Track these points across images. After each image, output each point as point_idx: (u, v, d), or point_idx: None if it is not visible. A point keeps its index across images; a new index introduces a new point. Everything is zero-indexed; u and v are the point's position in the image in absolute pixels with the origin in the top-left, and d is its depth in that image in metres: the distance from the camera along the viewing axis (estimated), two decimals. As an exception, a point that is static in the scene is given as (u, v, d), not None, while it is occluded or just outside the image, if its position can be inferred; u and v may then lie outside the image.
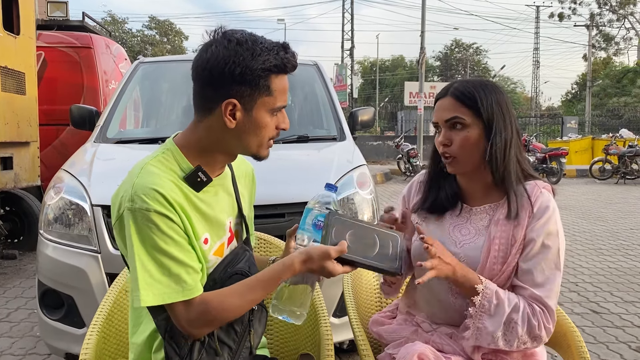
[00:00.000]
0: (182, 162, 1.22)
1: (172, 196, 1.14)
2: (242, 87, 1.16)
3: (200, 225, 1.22)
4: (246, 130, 1.20)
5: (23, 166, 5.09)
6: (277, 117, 1.23)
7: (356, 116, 3.76)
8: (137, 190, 1.13)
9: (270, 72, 1.16)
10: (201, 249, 1.22)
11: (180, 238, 1.15)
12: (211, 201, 1.26)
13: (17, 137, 4.88)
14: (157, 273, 1.13)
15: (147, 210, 1.11)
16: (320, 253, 1.16)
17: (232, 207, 1.36)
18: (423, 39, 15.57)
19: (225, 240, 1.31)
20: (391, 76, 55.43)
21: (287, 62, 1.18)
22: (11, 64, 4.75)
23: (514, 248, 1.36)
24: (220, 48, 1.15)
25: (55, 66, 6.26)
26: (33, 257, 5.07)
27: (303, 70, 4.06)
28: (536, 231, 1.35)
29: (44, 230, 2.47)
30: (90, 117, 3.51)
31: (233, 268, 1.29)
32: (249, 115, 1.18)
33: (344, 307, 1.82)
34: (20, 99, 4.93)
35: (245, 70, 1.14)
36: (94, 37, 6.56)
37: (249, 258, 1.36)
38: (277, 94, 1.19)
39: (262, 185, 2.51)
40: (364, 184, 2.72)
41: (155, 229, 1.12)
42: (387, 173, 14.12)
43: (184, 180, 1.20)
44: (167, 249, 1.13)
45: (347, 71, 24.30)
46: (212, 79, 1.17)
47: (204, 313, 1.16)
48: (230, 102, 1.16)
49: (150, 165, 1.19)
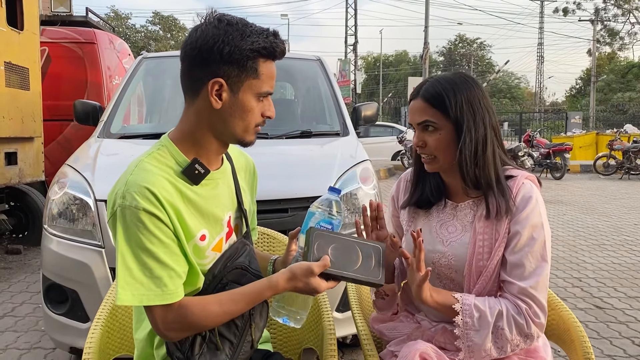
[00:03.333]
0: (178, 157, 1.21)
1: (163, 195, 1.13)
2: (229, 67, 1.15)
3: (196, 221, 1.21)
4: (232, 113, 1.19)
5: (27, 161, 5.11)
6: (263, 104, 1.22)
7: (359, 111, 3.75)
8: (129, 188, 1.12)
9: (259, 54, 1.16)
10: (197, 245, 1.22)
11: (168, 239, 1.14)
12: (209, 195, 1.25)
13: (21, 133, 4.90)
14: (139, 273, 1.11)
15: (136, 208, 1.10)
16: (303, 271, 1.16)
17: (232, 201, 1.35)
18: (427, 34, 15.53)
19: (224, 235, 1.30)
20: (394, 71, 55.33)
21: (276, 46, 1.18)
22: (15, 60, 4.76)
23: (497, 242, 1.35)
24: (210, 27, 1.16)
25: (59, 62, 6.27)
26: (37, 252, 5.10)
27: (306, 66, 4.06)
28: (520, 223, 1.34)
29: (48, 225, 2.48)
30: (93, 112, 3.52)
31: (233, 263, 1.29)
32: (235, 97, 1.18)
33: (347, 302, 1.83)
34: (24, 94, 4.94)
35: (234, 50, 1.14)
36: (97, 32, 6.56)
37: (249, 252, 1.35)
38: (264, 77, 1.19)
39: (265, 181, 2.52)
40: (367, 179, 2.72)
41: (142, 227, 1.11)
42: (390, 169, 14.12)
43: (182, 174, 1.19)
44: (152, 249, 1.11)
45: (351, 67, 24.24)
46: (200, 57, 1.16)
47: (183, 318, 1.15)
48: (217, 82, 1.16)
49: (145, 162, 1.18)
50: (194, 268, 1.22)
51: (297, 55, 4.23)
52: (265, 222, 2.07)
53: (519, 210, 1.35)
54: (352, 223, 2.56)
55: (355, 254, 1.24)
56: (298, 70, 4.12)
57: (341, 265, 1.20)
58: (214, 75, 1.15)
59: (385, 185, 11.34)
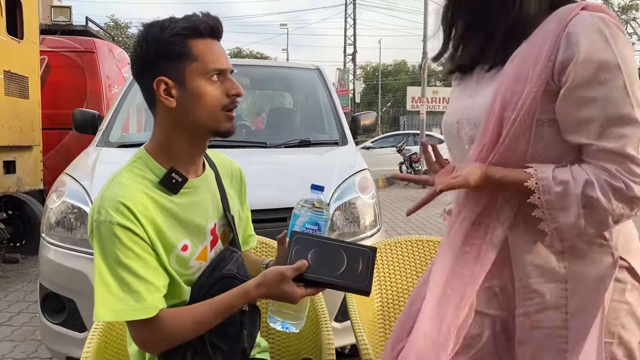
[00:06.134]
0: (154, 168, 1.19)
1: (138, 208, 1.11)
2: (163, 63, 1.14)
3: (176, 232, 1.18)
4: (190, 105, 1.16)
5: (26, 170, 5.10)
6: (222, 84, 1.18)
7: (358, 121, 3.77)
8: (104, 202, 1.11)
9: (183, 36, 1.13)
10: (180, 256, 1.19)
11: (145, 253, 1.12)
12: (189, 204, 1.22)
13: (20, 141, 4.90)
14: (116, 288, 1.09)
15: (111, 222, 1.09)
16: (274, 276, 1.11)
17: (217, 208, 1.31)
18: (425, 44, 15.59)
19: (208, 244, 1.27)
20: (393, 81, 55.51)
21: (199, 22, 1.15)
22: (15, 68, 4.77)
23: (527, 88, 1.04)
24: (137, 38, 1.18)
25: (58, 70, 6.29)
26: (35, 261, 5.07)
27: (305, 75, 4.08)
28: (580, 65, 1.00)
29: (45, 233, 2.47)
30: (92, 121, 3.52)
31: (220, 271, 1.25)
32: (185, 88, 1.15)
33: (345, 312, 1.82)
34: (24, 103, 4.95)
35: (158, 44, 1.14)
36: (97, 41, 6.58)
37: (237, 259, 1.31)
38: (203, 57, 1.15)
39: (263, 190, 2.54)
40: (365, 188, 2.72)
41: (118, 242, 1.09)
42: (389, 178, 14.10)
43: (160, 184, 1.17)
44: (129, 264, 1.09)
45: (350, 76, 24.34)
46: (138, 68, 1.18)
47: (157, 331, 1.13)
48: (159, 81, 1.15)
49: (121, 175, 1.17)
50: (175, 280, 1.19)
51: (296, 65, 4.26)
52: (264, 231, 2.06)
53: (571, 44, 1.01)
54: (351, 232, 2.56)
55: (340, 258, 1.14)
56: (297, 80, 4.14)
57: (322, 270, 1.12)
58: (154, 77, 1.15)
59: (384, 194, 11.33)
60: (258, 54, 54.63)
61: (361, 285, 1.13)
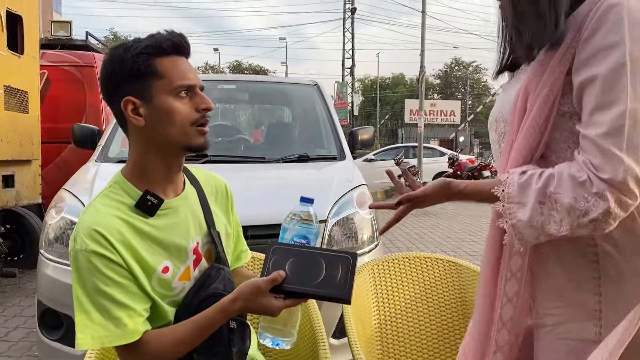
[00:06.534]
0: (130, 191, 1.19)
1: (113, 234, 1.11)
2: (129, 83, 1.15)
3: (155, 254, 1.18)
4: (158, 122, 1.15)
5: (24, 184, 5.11)
6: (191, 100, 1.18)
7: (356, 135, 3.79)
8: (79, 231, 1.11)
9: (145, 54, 1.14)
10: (161, 278, 1.18)
11: (123, 279, 1.12)
12: (167, 225, 1.21)
13: (19, 155, 4.91)
14: (97, 315, 1.09)
15: (86, 251, 1.09)
16: (250, 289, 1.10)
17: (200, 226, 1.29)
18: (423, 58, 15.69)
19: (191, 263, 1.25)
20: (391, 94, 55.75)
21: (161, 40, 1.16)
22: (15, 83, 4.80)
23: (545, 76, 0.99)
24: (103, 62, 1.19)
25: (58, 84, 6.31)
26: (33, 275, 5.06)
27: (304, 91, 4.11)
28: (586, 48, 0.94)
29: (44, 249, 2.48)
30: (92, 136, 3.54)
31: (206, 290, 1.23)
32: (152, 105, 1.15)
33: (343, 329, 1.82)
34: (23, 117, 4.97)
35: (123, 65, 1.14)
36: (97, 56, 6.62)
37: (223, 277, 1.29)
38: (170, 75, 1.15)
39: (261, 205, 2.55)
40: (363, 204, 2.73)
41: (95, 270, 1.09)
42: (388, 190, 14.11)
43: (136, 208, 1.17)
44: (107, 291, 1.10)
45: (348, 89, 24.44)
46: (105, 89, 1.19)
47: (143, 354, 1.14)
48: (127, 101, 1.15)
49: (96, 202, 1.17)
50: (156, 302, 1.18)
51: (295, 81, 4.29)
52: (261, 247, 2.07)
53: (589, 30, 0.94)
54: (349, 248, 2.57)
55: (318, 267, 1.11)
56: (296, 95, 4.17)
57: (300, 280, 1.10)
58: (122, 98, 1.15)
59: (382, 207, 11.31)
60: (257, 67, 54.93)
61: (340, 293, 1.09)
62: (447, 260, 1.99)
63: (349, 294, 1.09)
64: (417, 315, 1.94)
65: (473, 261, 6.06)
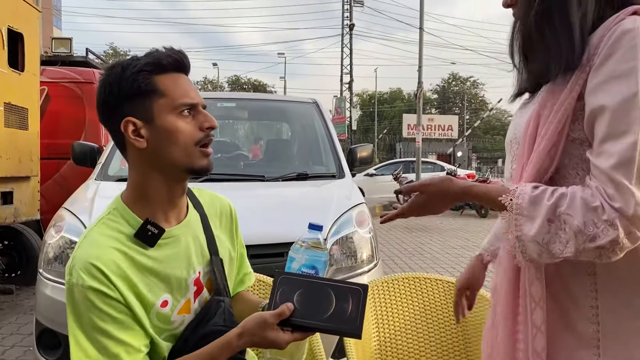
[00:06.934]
0: (130, 219, 1.13)
1: (111, 268, 1.06)
2: (129, 102, 1.10)
3: (155, 288, 1.13)
4: (161, 143, 1.10)
5: (23, 201, 5.10)
6: (194, 118, 1.13)
7: (355, 153, 3.81)
8: (76, 264, 1.07)
9: (145, 72, 1.09)
10: (160, 313, 1.14)
11: (120, 315, 1.07)
12: (167, 257, 1.15)
13: (18, 172, 4.91)
14: (94, 352, 1.05)
15: (83, 286, 1.05)
16: (256, 323, 1.04)
17: (202, 255, 1.24)
18: (420, 74, 15.80)
19: (191, 295, 1.20)
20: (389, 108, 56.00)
21: (161, 57, 1.11)
22: (15, 100, 4.82)
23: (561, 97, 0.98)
24: (99, 82, 1.13)
25: (58, 101, 6.34)
26: (30, 293, 5.04)
27: (303, 108, 4.14)
28: (599, 73, 0.93)
29: (43, 269, 2.47)
30: (91, 154, 3.55)
31: (205, 327, 1.18)
32: (154, 126, 1.10)
33: (342, 349, 1.82)
34: (23, 134, 4.98)
35: (122, 84, 1.09)
36: (97, 72, 6.65)
37: (223, 310, 1.23)
38: (171, 93, 1.10)
39: (261, 224, 2.56)
40: (362, 222, 2.74)
41: (91, 306, 1.05)
42: (386, 205, 14.12)
43: (135, 237, 1.11)
44: (104, 328, 1.05)
45: (346, 104, 24.55)
46: (103, 111, 1.13)
47: None
48: (127, 121, 1.10)
49: (94, 232, 1.12)
50: (152, 338, 1.13)
51: (294, 99, 4.32)
52: (261, 266, 2.07)
53: (602, 56, 0.93)
54: (348, 267, 2.57)
55: (327, 299, 1.06)
56: (295, 113, 4.20)
57: (308, 313, 1.05)
58: (121, 119, 1.10)
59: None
60: (256, 82, 55.19)
61: (351, 327, 1.05)
62: (447, 281, 1.99)
63: (360, 329, 1.05)
64: (416, 336, 1.94)
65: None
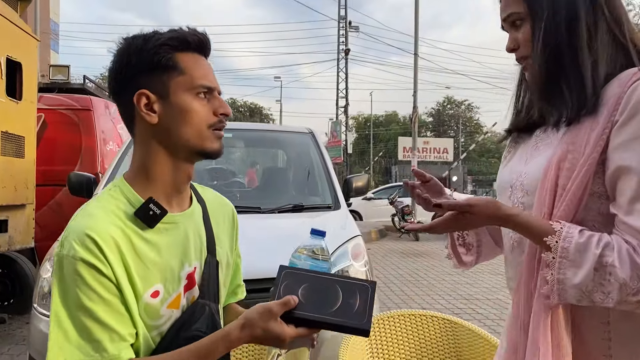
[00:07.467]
0: (131, 197, 1.07)
1: (108, 243, 0.99)
2: (147, 75, 1.06)
3: (148, 275, 1.05)
4: (173, 120, 1.06)
5: (18, 229, 5.08)
6: (209, 102, 1.09)
7: (350, 183, 3.83)
8: (69, 234, 0.99)
9: (169, 47, 1.06)
10: (149, 304, 1.05)
11: (110, 295, 0.99)
12: (167, 243, 1.08)
13: (14, 201, 4.90)
14: (75, 335, 0.97)
15: (74, 257, 0.97)
16: (258, 313, 0.98)
17: (201, 251, 1.17)
18: (415, 99, 15.94)
19: (182, 290, 1.11)
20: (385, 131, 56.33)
21: (187, 34, 1.08)
22: (12, 129, 4.84)
23: (584, 154, 0.99)
24: (117, 51, 1.09)
25: (54, 127, 6.36)
26: (23, 322, 4.99)
27: (299, 139, 4.18)
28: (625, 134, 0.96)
29: (37, 304, 2.46)
30: (88, 184, 3.56)
31: (187, 331, 1.09)
32: (168, 102, 1.06)
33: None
34: (19, 162, 4.99)
35: (142, 54, 1.05)
36: (94, 99, 6.70)
37: (208, 315, 1.14)
38: (191, 72, 1.07)
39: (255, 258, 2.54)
40: (358, 255, 2.75)
41: (80, 281, 0.97)
42: (382, 230, 14.12)
43: (135, 216, 1.04)
44: (91, 307, 0.97)
45: (342, 127, 24.70)
46: (117, 81, 1.09)
47: None
48: (141, 94, 1.05)
49: (92, 205, 1.05)
50: (139, 331, 1.04)
51: (290, 129, 4.36)
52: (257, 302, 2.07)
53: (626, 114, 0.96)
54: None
55: (334, 294, 1.01)
56: (291, 143, 4.23)
57: (314, 307, 0.99)
58: (135, 91, 1.06)
59: (376, 247, 11.32)
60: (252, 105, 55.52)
61: (359, 322, 0.99)
62: (443, 318, 2.00)
63: (368, 324, 0.99)
64: (412, 374, 1.93)
65: (469, 305, 6.06)
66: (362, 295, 1.02)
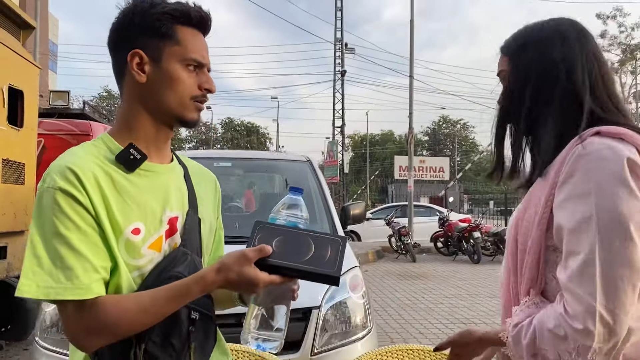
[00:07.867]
0: (112, 146, 1.12)
1: (87, 175, 1.02)
2: (144, 37, 1.12)
3: (129, 212, 1.07)
4: (160, 84, 1.12)
5: (16, 255, 5.09)
6: (197, 75, 1.16)
7: (348, 211, 3.87)
8: (51, 170, 1.04)
9: (171, 17, 1.12)
10: (130, 240, 1.07)
11: (86, 226, 1.00)
12: (147, 186, 1.12)
13: (13, 227, 4.92)
14: (48, 262, 0.97)
15: (53, 188, 1.00)
16: (236, 257, 1.01)
17: (182, 203, 1.19)
18: (411, 120, 16.08)
19: (163, 233, 1.13)
20: (381, 150, 56.57)
21: (190, 9, 1.14)
22: (12, 156, 4.88)
23: (539, 212, 1.07)
24: (123, 8, 1.15)
25: (54, 151, 6.39)
26: (20, 348, 4.98)
27: (296, 167, 4.23)
28: (563, 190, 1.03)
29: (39, 337, 2.48)
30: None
31: (168, 273, 1.10)
32: (159, 66, 1.12)
33: None
34: (19, 188, 5.02)
35: (145, 17, 1.11)
36: (93, 124, 6.77)
37: (190, 262, 1.14)
38: (186, 44, 1.13)
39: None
40: (356, 287, 2.78)
41: (57, 209, 0.99)
42: (379, 251, 14.11)
43: (116, 160, 1.09)
44: (65, 234, 0.98)
45: (338, 147, 24.83)
46: (116, 36, 1.15)
47: (95, 319, 0.99)
48: (135, 53, 1.12)
49: (75, 148, 1.11)
50: (119, 269, 1.05)
51: (288, 157, 4.41)
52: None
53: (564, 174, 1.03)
54: (342, 333, 2.60)
55: (307, 246, 1.07)
56: (289, 171, 4.28)
57: (287, 257, 1.05)
58: (130, 49, 1.12)
59: (374, 268, 11.32)
60: (249, 124, 55.76)
61: (329, 270, 1.05)
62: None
63: (339, 272, 1.06)
64: (411, 410, 1.95)
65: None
66: (334, 247, 1.09)
